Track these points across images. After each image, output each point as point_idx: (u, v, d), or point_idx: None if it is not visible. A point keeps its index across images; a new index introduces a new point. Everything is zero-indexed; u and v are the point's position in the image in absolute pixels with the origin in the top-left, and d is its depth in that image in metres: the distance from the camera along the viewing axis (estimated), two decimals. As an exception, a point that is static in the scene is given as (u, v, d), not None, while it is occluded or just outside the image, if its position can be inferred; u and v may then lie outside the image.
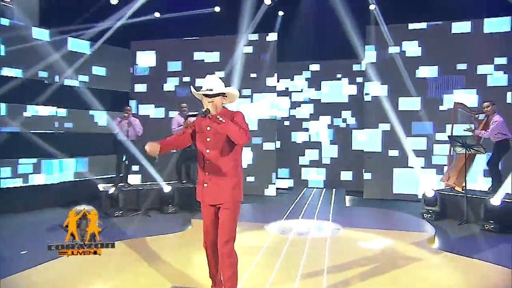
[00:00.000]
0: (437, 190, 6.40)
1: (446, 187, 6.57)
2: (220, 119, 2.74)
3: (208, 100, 2.82)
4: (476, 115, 6.41)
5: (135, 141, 6.89)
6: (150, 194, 6.76)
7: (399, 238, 5.07)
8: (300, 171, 9.51)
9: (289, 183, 9.48)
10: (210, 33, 8.67)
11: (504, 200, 5.53)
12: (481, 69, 7.50)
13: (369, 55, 8.19)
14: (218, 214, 2.86)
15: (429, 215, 6.23)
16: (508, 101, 7.32)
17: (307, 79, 9.47)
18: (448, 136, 6.32)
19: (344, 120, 9.26)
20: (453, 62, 7.61)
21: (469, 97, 7.49)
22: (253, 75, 8.60)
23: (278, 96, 8.84)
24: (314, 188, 9.18)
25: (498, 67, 7.45)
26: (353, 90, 9.20)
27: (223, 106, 2.89)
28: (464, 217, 5.93)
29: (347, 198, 8.20)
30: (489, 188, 6.27)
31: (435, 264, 4.12)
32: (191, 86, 3.07)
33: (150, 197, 6.72)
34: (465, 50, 7.51)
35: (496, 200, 5.53)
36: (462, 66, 7.64)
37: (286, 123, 9.56)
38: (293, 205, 7.23)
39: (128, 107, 7.14)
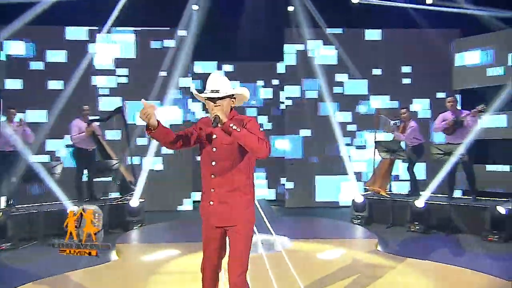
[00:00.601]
0: (366, 196, 6.83)
1: (372, 192, 7.05)
2: (234, 127, 2.39)
3: (213, 104, 2.51)
4: (394, 122, 7.04)
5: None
6: (50, 217, 5.70)
7: (350, 246, 5.36)
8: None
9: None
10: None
11: (427, 202, 6.16)
12: (392, 75, 8.31)
13: (288, 57, 8.41)
14: (224, 236, 2.61)
15: (359, 221, 6.63)
16: (415, 109, 8.23)
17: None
18: (375, 142, 6.80)
19: (261, 126, 9.30)
20: (369, 67, 8.24)
21: (382, 103, 8.23)
22: (163, 73, 8.06)
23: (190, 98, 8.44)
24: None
25: (404, 75, 8.35)
26: (269, 93, 9.32)
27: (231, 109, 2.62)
28: (390, 220, 6.44)
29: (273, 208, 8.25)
30: (408, 191, 6.95)
31: (399, 268, 4.44)
32: (192, 88, 2.76)
33: (50, 221, 5.66)
34: (378, 57, 8.20)
35: (420, 202, 6.14)
36: (377, 71, 8.34)
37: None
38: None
39: (12, 110, 6.03)
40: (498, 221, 5.64)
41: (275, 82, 9.18)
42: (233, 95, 2.58)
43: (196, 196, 8.62)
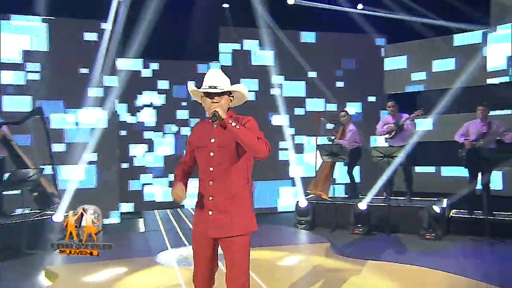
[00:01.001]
0: (309, 200, 7.01)
1: (314, 196, 7.26)
2: (233, 124, 2.37)
3: (211, 100, 2.48)
4: (334, 124, 7.36)
5: None
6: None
7: (305, 251, 5.43)
8: (143, 191, 8.73)
9: (128, 207, 8.53)
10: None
11: (369, 204, 6.52)
12: (326, 78, 8.68)
13: (224, 57, 8.33)
14: (217, 244, 2.56)
15: (303, 225, 6.78)
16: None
17: (146, 79, 8.76)
18: (317, 145, 7.02)
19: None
20: (304, 69, 8.50)
21: (319, 106, 8.56)
22: (84, 70, 7.46)
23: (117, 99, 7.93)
24: (166, 209, 8.57)
25: (337, 78, 8.77)
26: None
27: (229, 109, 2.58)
28: (334, 223, 6.70)
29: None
30: (347, 194, 7.31)
31: (361, 270, 4.67)
32: (190, 84, 2.62)
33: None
34: (314, 59, 8.49)
35: (363, 205, 6.48)
36: (312, 74, 8.65)
37: (123, 133, 8.61)
38: (165, 231, 6.66)
39: None
40: (434, 220, 6.16)
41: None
42: (231, 93, 2.56)
43: (123, 207, 8.13)
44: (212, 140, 2.50)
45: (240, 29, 8.38)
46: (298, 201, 7.07)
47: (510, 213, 6.32)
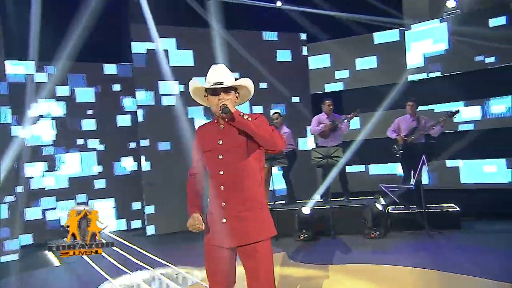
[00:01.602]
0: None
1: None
2: (245, 116, 2.35)
3: (218, 98, 2.44)
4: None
5: None
6: None
7: None
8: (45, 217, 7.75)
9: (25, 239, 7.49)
10: None
11: (312, 208, 6.62)
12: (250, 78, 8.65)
13: (137, 57, 7.83)
14: (234, 257, 2.48)
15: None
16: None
17: (41, 84, 7.81)
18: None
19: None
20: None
21: (243, 108, 8.47)
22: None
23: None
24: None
25: (262, 79, 8.81)
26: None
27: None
28: (278, 231, 6.62)
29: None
30: (286, 200, 7.34)
31: (331, 275, 4.81)
32: (192, 81, 2.51)
33: None
34: (240, 59, 8.43)
35: (306, 210, 6.57)
36: (235, 75, 8.51)
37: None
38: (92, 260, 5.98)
39: None
40: (377, 218, 6.47)
41: (116, 87, 8.41)
42: (236, 89, 2.54)
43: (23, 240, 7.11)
44: (220, 142, 2.47)
45: (156, 26, 7.94)
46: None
47: (443, 205, 6.92)
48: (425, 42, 8.18)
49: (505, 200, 7.16)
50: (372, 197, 7.31)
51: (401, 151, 6.81)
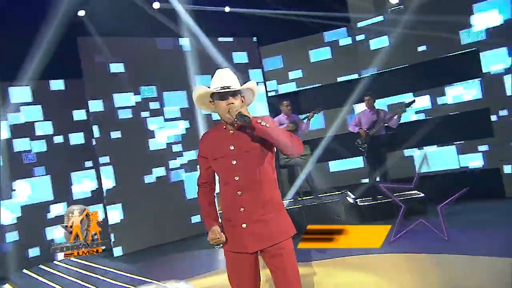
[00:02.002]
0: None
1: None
2: (263, 123, 2.31)
3: (227, 103, 2.41)
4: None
5: None
6: None
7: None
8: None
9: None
10: None
11: (286, 208, 6.64)
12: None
13: (86, 72, 7.55)
14: (258, 262, 2.46)
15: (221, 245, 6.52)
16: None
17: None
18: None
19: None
20: (169, 79, 8.22)
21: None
22: None
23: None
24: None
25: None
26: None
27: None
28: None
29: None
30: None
31: (313, 273, 4.78)
32: (197, 88, 2.49)
33: None
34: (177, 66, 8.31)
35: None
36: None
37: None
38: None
39: None
40: (350, 211, 6.63)
41: (66, 103, 8.00)
42: (241, 93, 2.51)
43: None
44: (232, 148, 2.44)
45: (102, 39, 7.64)
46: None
47: (406, 193, 7.21)
48: (374, 38, 8.55)
49: (460, 183, 7.59)
50: (340, 192, 7.48)
51: (365, 145, 7.03)
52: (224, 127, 2.50)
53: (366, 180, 7.72)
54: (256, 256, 2.49)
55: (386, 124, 7.03)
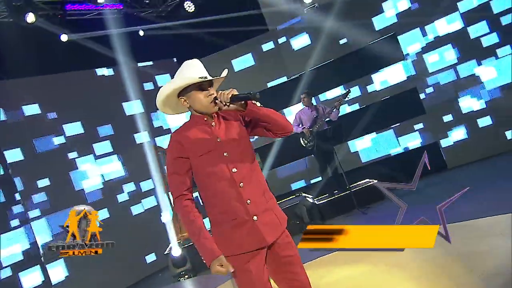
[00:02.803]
0: (182, 246, 6.37)
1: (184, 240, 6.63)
2: (259, 104, 2.23)
3: (207, 93, 2.28)
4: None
5: None
6: None
7: None
8: None
9: None
10: None
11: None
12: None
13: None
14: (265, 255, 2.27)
15: (186, 276, 6.14)
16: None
17: None
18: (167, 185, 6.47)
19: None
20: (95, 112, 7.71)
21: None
22: None
23: None
24: None
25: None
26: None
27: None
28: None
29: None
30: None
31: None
32: (164, 86, 2.32)
33: None
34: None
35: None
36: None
37: None
38: None
39: None
40: (310, 212, 6.50)
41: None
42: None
43: None
44: (219, 139, 2.27)
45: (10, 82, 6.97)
46: (170, 252, 6.30)
47: (360, 182, 7.27)
48: (296, 39, 8.66)
49: (406, 164, 7.82)
50: (296, 195, 7.37)
51: (311, 143, 6.99)
52: (205, 119, 2.31)
53: (318, 179, 7.68)
54: (265, 251, 2.27)
55: (327, 119, 7.07)
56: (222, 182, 2.23)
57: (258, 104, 2.22)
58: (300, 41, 8.65)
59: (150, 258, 7.60)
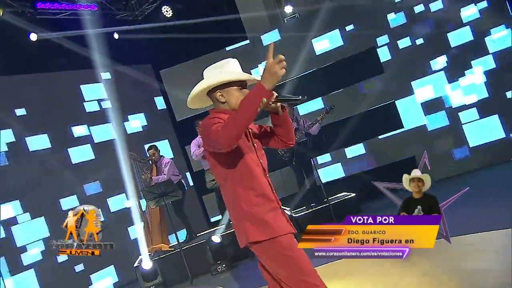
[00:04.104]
0: (153, 259, 6.10)
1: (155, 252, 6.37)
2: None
3: (243, 93, 2.38)
4: (146, 165, 6.75)
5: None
6: None
7: None
8: None
9: None
10: None
11: (222, 234, 6.23)
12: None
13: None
14: None
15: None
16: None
17: None
18: (141, 190, 6.25)
19: None
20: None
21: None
22: None
23: None
24: None
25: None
26: None
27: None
28: (189, 273, 5.99)
29: None
30: (186, 237, 6.78)
31: None
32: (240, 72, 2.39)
33: None
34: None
35: (216, 238, 6.14)
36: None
37: None
38: None
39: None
40: (217, 251, 6.20)
41: None
42: None
43: None
44: (249, 130, 2.45)
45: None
46: (140, 265, 6.02)
47: (338, 195, 7.20)
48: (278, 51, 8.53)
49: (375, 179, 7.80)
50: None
51: (288, 154, 6.86)
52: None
53: (294, 191, 7.54)
54: None
55: (307, 131, 6.97)
56: (257, 168, 2.33)
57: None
58: (278, 51, 8.50)
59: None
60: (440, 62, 7.60)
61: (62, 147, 7.38)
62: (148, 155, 6.80)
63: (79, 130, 7.67)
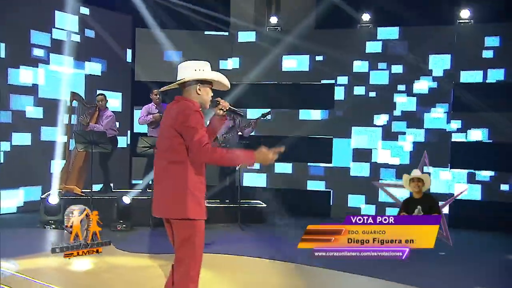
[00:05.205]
0: (62, 197, 6.40)
1: (66, 192, 6.65)
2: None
3: (211, 93, 2.95)
4: (89, 109, 6.98)
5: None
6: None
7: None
8: None
9: None
10: None
11: (134, 198, 6.60)
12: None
13: None
14: None
15: (53, 226, 6.19)
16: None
17: None
18: (74, 132, 6.51)
19: None
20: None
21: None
22: None
23: None
24: None
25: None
26: None
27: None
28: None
29: None
30: (101, 188, 7.08)
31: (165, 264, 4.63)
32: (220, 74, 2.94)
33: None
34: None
35: (127, 199, 6.51)
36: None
37: None
38: None
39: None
40: (123, 211, 6.65)
41: None
42: None
43: None
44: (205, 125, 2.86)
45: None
46: (47, 198, 6.30)
47: (251, 201, 7.74)
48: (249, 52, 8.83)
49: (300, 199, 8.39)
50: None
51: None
52: (201, 108, 2.82)
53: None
54: None
55: (240, 133, 7.33)
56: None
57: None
58: (251, 53, 8.79)
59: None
60: (382, 119, 8.25)
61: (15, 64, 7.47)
62: (96, 102, 7.03)
63: (38, 52, 7.74)
